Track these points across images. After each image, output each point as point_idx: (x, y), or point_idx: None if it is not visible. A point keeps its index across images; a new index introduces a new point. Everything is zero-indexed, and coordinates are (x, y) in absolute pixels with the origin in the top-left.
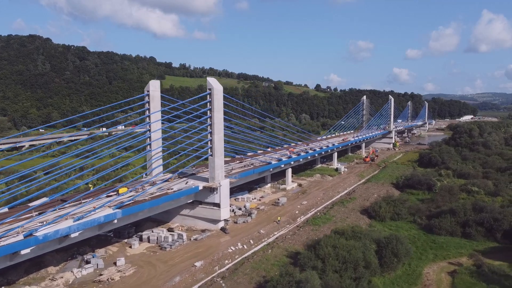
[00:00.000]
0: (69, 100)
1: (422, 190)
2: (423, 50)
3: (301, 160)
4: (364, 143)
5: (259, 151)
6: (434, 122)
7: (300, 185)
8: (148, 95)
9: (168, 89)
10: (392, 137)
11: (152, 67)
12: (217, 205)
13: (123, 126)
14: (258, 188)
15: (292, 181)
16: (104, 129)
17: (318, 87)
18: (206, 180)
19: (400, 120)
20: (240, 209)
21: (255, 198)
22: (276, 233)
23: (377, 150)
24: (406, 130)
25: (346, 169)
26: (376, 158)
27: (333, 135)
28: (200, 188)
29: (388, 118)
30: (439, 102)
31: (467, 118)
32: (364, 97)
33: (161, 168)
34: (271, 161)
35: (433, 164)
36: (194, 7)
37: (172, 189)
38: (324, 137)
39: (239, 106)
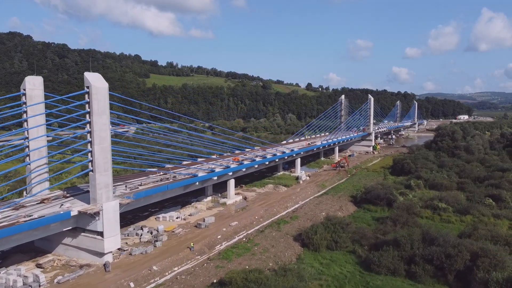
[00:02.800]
0: None
1: (382, 206)
2: (422, 49)
3: (244, 169)
4: (337, 147)
5: (199, 159)
6: (425, 122)
7: (245, 198)
8: (25, 94)
9: (150, 88)
10: (371, 140)
11: (137, 65)
12: (101, 234)
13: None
14: (194, 203)
15: (238, 194)
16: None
17: (309, 86)
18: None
19: (386, 121)
20: (151, 233)
21: (179, 217)
22: (176, 269)
23: (354, 154)
24: (392, 131)
25: (308, 178)
26: (346, 164)
27: (302, 138)
28: (74, 213)
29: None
30: (433, 102)
31: (461, 118)
32: (342, 96)
33: (46, 184)
34: (198, 173)
35: (405, 172)
36: (190, 4)
37: (31, 215)
38: (291, 140)
39: (224, 106)
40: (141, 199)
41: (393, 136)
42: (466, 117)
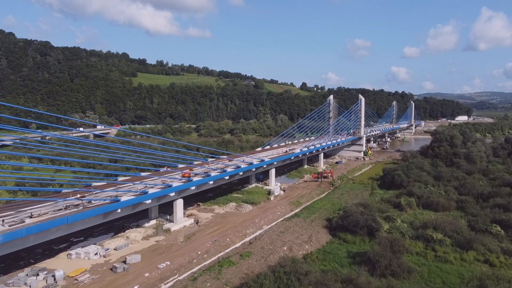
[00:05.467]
0: (23, 99)
1: (361, 236)
2: (421, 48)
3: (193, 188)
4: (322, 153)
5: (142, 174)
6: (423, 123)
7: (197, 221)
8: None
9: (136, 87)
10: (362, 144)
11: (124, 63)
12: None
13: (102, 126)
14: (132, 228)
15: (190, 215)
16: (82, 129)
17: (303, 85)
18: None
19: (381, 123)
20: (47, 280)
21: (97, 253)
22: None
23: (341, 161)
24: (386, 134)
25: (282, 192)
26: (330, 174)
27: (282, 144)
28: None
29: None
30: (431, 102)
31: (461, 118)
32: (331, 97)
33: None
34: (121, 196)
35: (396, 185)
36: (186, 3)
37: None
38: (268, 146)
39: (213, 106)
40: (30, 236)
41: (388, 139)
42: (465, 118)
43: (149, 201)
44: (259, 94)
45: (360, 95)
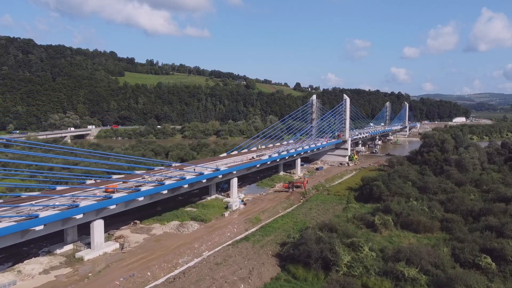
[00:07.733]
0: (1, 98)
1: (315, 270)
2: (421, 48)
3: (112, 206)
4: (299, 159)
5: (58, 187)
6: (418, 125)
7: (122, 247)
8: None
9: (121, 87)
10: (347, 148)
11: (111, 62)
12: None
13: (93, 126)
14: (35, 257)
15: (119, 237)
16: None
17: (297, 86)
18: None
19: (372, 124)
20: None
21: None
22: None
23: (322, 167)
24: (377, 137)
25: (242, 206)
26: (304, 184)
27: (253, 148)
28: None
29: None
30: (428, 103)
31: (458, 120)
32: (313, 97)
33: None
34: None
35: (375, 197)
36: (184, 2)
37: None
38: (235, 152)
39: (201, 107)
40: None
41: (379, 142)
42: (463, 119)
43: (40, 227)
44: (249, 94)
45: (344, 95)
